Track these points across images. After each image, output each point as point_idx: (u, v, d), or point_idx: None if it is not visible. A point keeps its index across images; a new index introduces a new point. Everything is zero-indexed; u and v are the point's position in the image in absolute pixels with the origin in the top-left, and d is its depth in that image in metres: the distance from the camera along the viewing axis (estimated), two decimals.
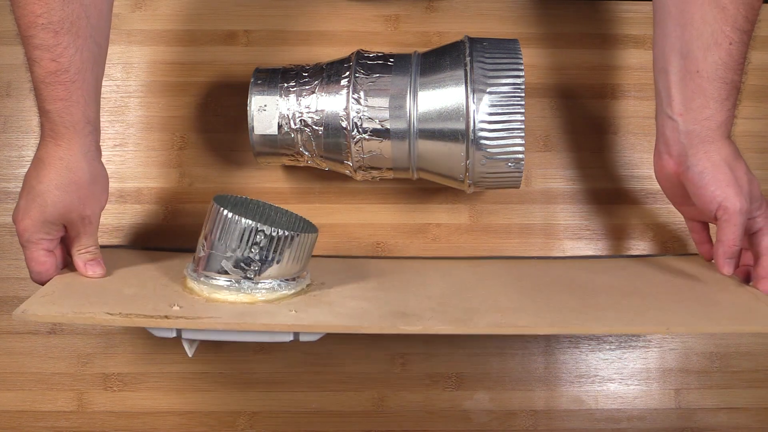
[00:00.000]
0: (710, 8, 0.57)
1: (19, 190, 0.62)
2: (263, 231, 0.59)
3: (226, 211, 0.59)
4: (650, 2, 0.64)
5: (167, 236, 0.77)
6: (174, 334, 0.57)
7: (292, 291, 0.62)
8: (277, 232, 0.59)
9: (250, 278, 0.60)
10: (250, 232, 0.59)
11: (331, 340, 0.75)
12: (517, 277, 0.68)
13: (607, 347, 0.76)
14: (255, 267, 0.60)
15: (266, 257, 0.59)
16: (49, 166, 0.60)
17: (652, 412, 0.75)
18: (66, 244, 0.64)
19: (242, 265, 0.59)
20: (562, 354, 0.76)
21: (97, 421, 0.74)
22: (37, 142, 0.61)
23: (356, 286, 0.65)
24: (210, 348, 0.75)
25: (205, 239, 0.61)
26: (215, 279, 0.60)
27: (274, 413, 0.75)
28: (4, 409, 0.74)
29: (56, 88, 0.59)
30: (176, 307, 0.57)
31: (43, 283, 0.62)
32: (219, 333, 0.57)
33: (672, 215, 0.78)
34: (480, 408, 0.75)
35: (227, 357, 0.75)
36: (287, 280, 0.61)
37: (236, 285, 0.60)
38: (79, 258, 0.63)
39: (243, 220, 0.59)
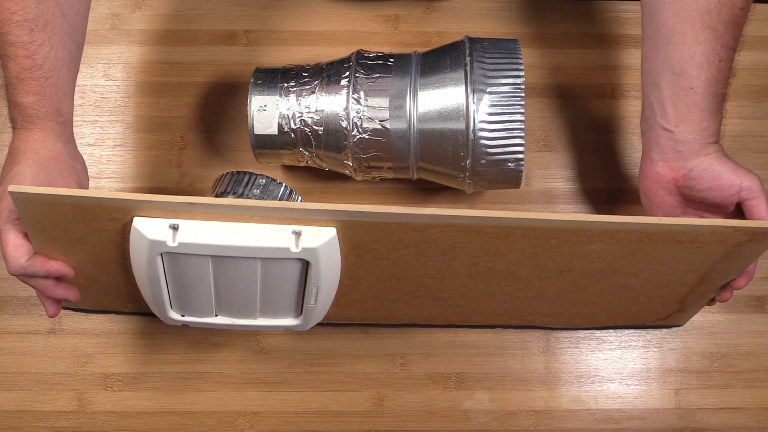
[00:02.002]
0: (702, 29, 0.59)
1: None
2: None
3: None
4: None
5: None
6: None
7: None
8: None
9: None
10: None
11: (331, 339, 0.75)
12: None
13: (607, 347, 0.76)
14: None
15: None
16: (24, 149, 0.59)
17: (652, 412, 0.75)
18: None
19: None
20: (562, 354, 0.76)
21: (97, 421, 0.74)
22: None
23: None
24: (210, 348, 0.75)
25: None
26: None
27: (274, 413, 0.75)
28: (4, 409, 0.74)
29: (30, 83, 0.59)
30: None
31: (21, 275, 0.58)
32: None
33: None
34: (480, 408, 0.75)
35: (227, 357, 0.75)
36: None
37: None
38: None
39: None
